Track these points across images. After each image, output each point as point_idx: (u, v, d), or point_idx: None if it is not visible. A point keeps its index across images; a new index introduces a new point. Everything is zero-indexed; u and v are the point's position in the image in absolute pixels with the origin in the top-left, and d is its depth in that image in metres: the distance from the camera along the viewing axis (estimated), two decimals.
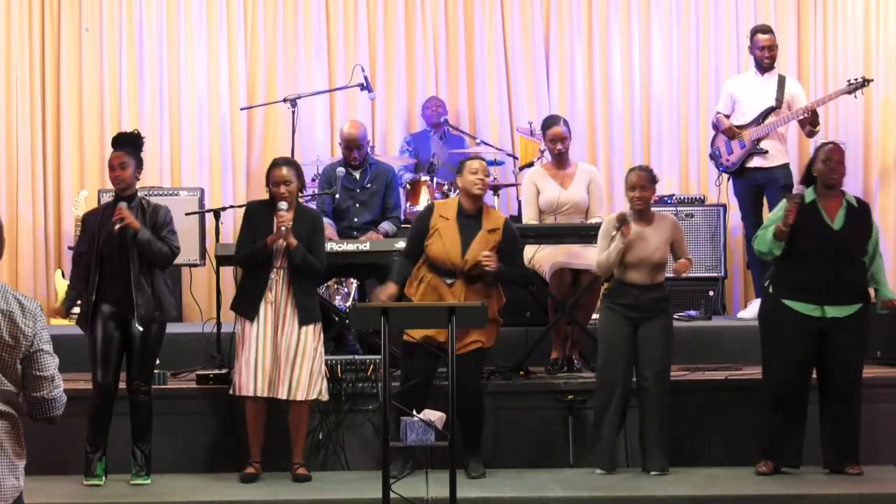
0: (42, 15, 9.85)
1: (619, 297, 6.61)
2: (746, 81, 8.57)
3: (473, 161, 6.67)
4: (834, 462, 6.55)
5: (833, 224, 6.47)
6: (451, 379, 5.54)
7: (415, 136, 9.66)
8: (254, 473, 6.54)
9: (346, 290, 8.33)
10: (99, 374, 6.43)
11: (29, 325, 3.58)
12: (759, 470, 6.57)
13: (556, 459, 6.94)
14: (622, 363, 6.58)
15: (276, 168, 6.61)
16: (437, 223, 6.53)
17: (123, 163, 6.46)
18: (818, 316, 6.42)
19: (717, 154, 8.52)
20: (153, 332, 6.48)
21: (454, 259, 6.47)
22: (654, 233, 6.64)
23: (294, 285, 6.50)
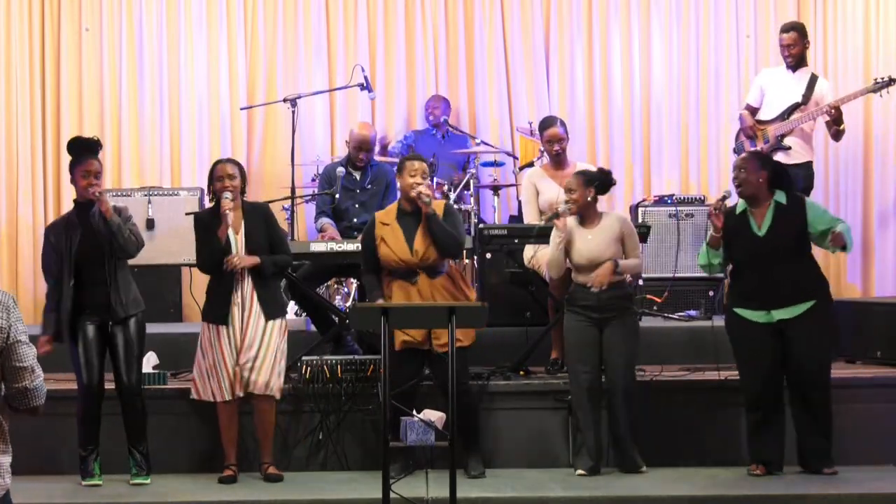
0: (42, 15, 9.85)
1: (579, 299, 6.64)
2: (777, 76, 8.44)
3: (414, 161, 6.67)
4: (807, 462, 6.54)
5: (759, 230, 6.48)
6: (451, 378, 5.54)
7: (416, 133, 9.67)
8: (232, 476, 6.55)
9: (346, 290, 8.33)
10: (84, 376, 6.43)
11: (3, 317, 3.59)
12: (751, 472, 6.57)
13: (556, 459, 6.94)
14: (589, 365, 6.60)
15: (220, 164, 6.70)
16: (380, 231, 6.60)
17: (98, 172, 6.50)
18: (766, 321, 6.44)
19: (741, 149, 8.33)
20: (132, 327, 6.48)
21: (404, 257, 6.53)
22: (600, 233, 6.65)
23: (256, 281, 6.54)
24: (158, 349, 7.29)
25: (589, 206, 6.67)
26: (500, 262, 7.96)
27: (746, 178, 6.52)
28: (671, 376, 7.20)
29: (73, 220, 6.51)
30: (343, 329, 7.46)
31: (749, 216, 6.53)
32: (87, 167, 6.47)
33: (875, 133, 9.82)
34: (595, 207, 6.72)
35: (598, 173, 6.84)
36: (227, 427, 6.57)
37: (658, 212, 9.00)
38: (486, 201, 9.62)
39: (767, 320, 6.46)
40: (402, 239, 6.56)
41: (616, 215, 6.86)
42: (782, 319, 6.43)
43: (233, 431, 6.60)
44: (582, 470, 6.62)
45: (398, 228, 6.59)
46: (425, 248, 6.53)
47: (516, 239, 7.38)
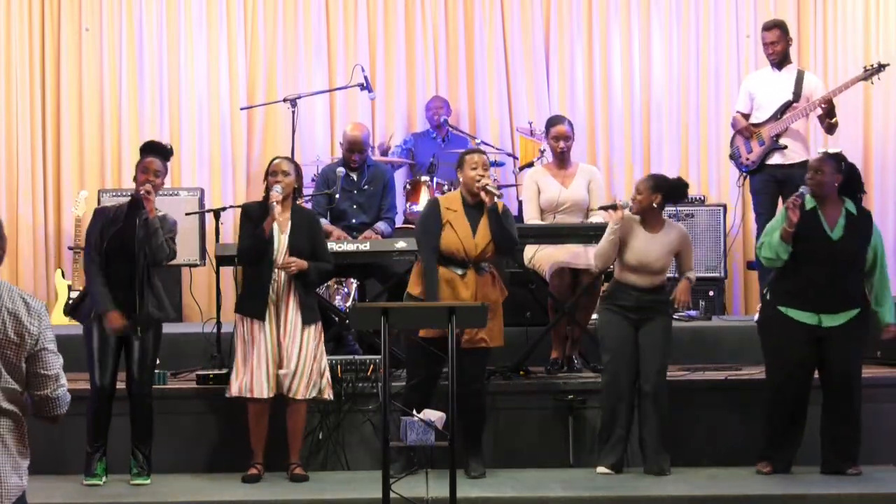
0: (42, 15, 9.85)
1: (619, 298, 6.62)
2: (763, 78, 8.42)
3: (473, 155, 6.67)
4: (832, 465, 6.54)
5: (832, 233, 6.45)
6: (451, 378, 5.54)
7: (416, 136, 9.67)
8: (257, 474, 6.53)
9: (346, 290, 8.33)
10: (97, 374, 6.44)
11: (34, 323, 3.60)
12: (760, 470, 6.57)
13: (556, 459, 6.94)
14: (626, 364, 6.59)
15: (277, 160, 6.69)
16: (447, 216, 6.55)
17: (157, 171, 6.51)
18: (815, 324, 6.44)
19: (736, 154, 8.32)
20: (152, 333, 6.49)
21: (467, 247, 6.49)
22: (660, 240, 6.64)
23: (296, 284, 6.51)
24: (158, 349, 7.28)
25: (652, 211, 6.65)
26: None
27: (823, 180, 6.45)
28: (671, 376, 7.19)
29: (121, 214, 6.50)
30: (343, 329, 7.46)
31: (820, 216, 6.48)
32: (146, 164, 6.51)
33: (875, 133, 9.83)
34: (660, 214, 6.69)
35: (672, 181, 6.75)
36: (255, 426, 6.54)
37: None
38: None
39: (815, 323, 6.43)
40: (468, 228, 6.52)
41: (679, 228, 6.81)
42: (830, 326, 6.43)
43: (261, 430, 6.56)
44: (606, 468, 6.61)
45: (464, 217, 6.54)
46: (486, 242, 6.51)
47: None
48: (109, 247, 6.41)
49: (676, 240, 6.69)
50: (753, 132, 8.20)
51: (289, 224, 6.57)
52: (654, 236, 6.64)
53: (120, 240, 6.41)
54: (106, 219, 6.50)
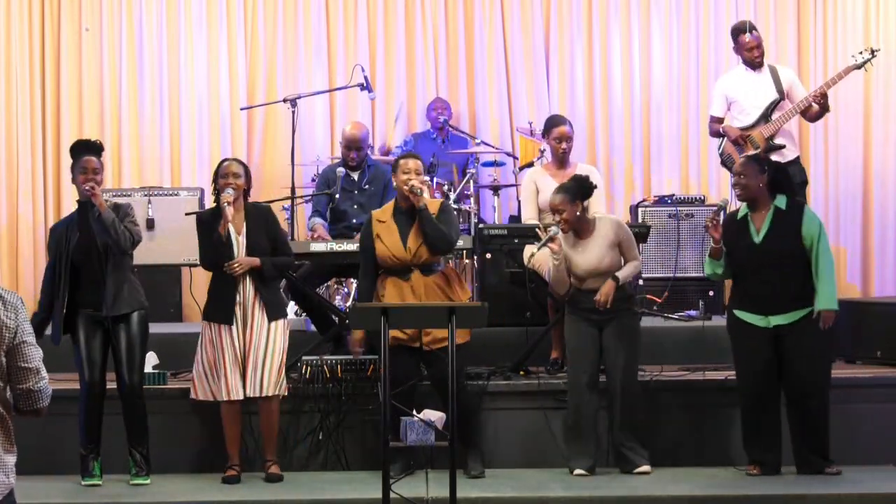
0: (42, 15, 9.85)
1: (580, 302, 6.65)
2: (740, 80, 8.26)
3: (408, 160, 6.68)
4: (806, 465, 6.53)
5: (757, 236, 6.48)
6: (451, 378, 5.54)
7: (416, 136, 9.67)
8: (236, 476, 6.54)
9: (346, 290, 8.32)
10: (86, 374, 6.45)
11: (11, 317, 3.59)
12: (749, 472, 6.57)
13: (556, 459, 6.93)
14: (587, 364, 6.61)
15: (226, 162, 6.74)
16: (376, 229, 6.61)
17: (96, 169, 6.54)
18: (764, 326, 6.45)
19: (730, 161, 8.12)
20: (134, 326, 6.50)
21: (398, 254, 6.54)
22: (595, 243, 6.64)
23: (259, 283, 6.55)
24: (158, 349, 7.28)
25: (580, 220, 6.64)
26: (500, 262, 7.96)
27: (747, 184, 6.49)
28: (671, 376, 7.20)
29: (74, 221, 6.56)
30: (343, 329, 7.46)
31: (749, 222, 6.52)
32: (84, 164, 6.53)
33: (875, 133, 9.83)
34: (586, 217, 6.67)
35: (575, 184, 6.70)
36: (229, 427, 6.57)
37: (658, 212, 9.01)
38: (486, 201, 9.62)
39: (765, 325, 6.46)
40: (396, 236, 6.57)
41: (609, 220, 6.80)
42: (779, 325, 6.43)
43: (235, 431, 6.59)
44: (581, 470, 6.62)
45: (393, 225, 6.61)
46: (418, 246, 6.54)
47: (516, 239, 7.37)
48: (75, 257, 6.44)
49: (611, 233, 6.66)
50: (746, 137, 8.10)
51: (244, 224, 6.61)
52: (588, 241, 6.65)
53: (83, 245, 6.44)
54: (60, 235, 6.54)
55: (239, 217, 6.62)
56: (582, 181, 6.73)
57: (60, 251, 6.49)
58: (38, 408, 3.65)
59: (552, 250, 6.58)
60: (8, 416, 3.62)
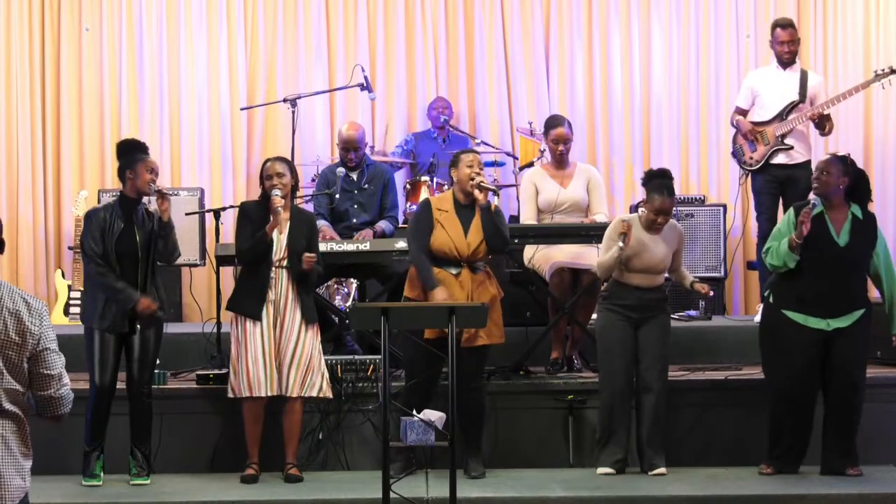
0: (42, 15, 9.84)
1: (620, 298, 6.62)
2: (768, 76, 8.38)
3: (468, 154, 6.68)
4: (833, 466, 6.53)
5: (839, 239, 6.44)
6: (451, 378, 5.54)
7: (416, 136, 9.67)
8: (255, 474, 6.54)
9: (346, 290, 8.33)
10: (97, 373, 6.44)
11: (35, 323, 3.60)
12: (762, 471, 6.57)
13: (556, 459, 6.94)
14: (624, 364, 6.59)
15: (269, 163, 6.70)
16: (438, 216, 6.57)
17: (157, 170, 6.57)
18: (821, 329, 6.43)
19: (739, 152, 8.31)
20: (154, 332, 6.49)
21: (459, 247, 6.50)
22: (662, 242, 6.65)
23: (296, 283, 6.52)
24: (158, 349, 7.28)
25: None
26: (501, 262, 7.96)
27: (827, 181, 6.45)
28: (671, 376, 7.18)
29: (118, 212, 6.48)
30: (343, 329, 7.46)
31: (826, 221, 6.46)
32: (151, 164, 6.53)
33: (875, 133, 9.83)
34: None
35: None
36: (251, 425, 6.54)
37: None
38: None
39: (823, 328, 6.43)
40: (460, 231, 6.54)
41: (675, 226, 6.79)
42: (838, 328, 6.43)
43: (258, 430, 6.56)
44: (608, 468, 6.60)
45: (455, 217, 6.57)
46: (478, 242, 6.52)
47: (516, 239, 7.37)
48: (117, 251, 6.41)
49: (676, 239, 6.72)
50: (758, 132, 8.18)
51: (287, 225, 6.58)
52: (658, 238, 6.65)
53: (125, 243, 6.42)
54: (101, 222, 6.46)
55: (284, 217, 6.57)
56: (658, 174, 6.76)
57: (105, 240, 6.41)
58: (59, 414, 3.69)
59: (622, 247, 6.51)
60: (26, 421, 3.64)
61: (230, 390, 6.54)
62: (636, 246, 6.58)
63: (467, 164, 6.58)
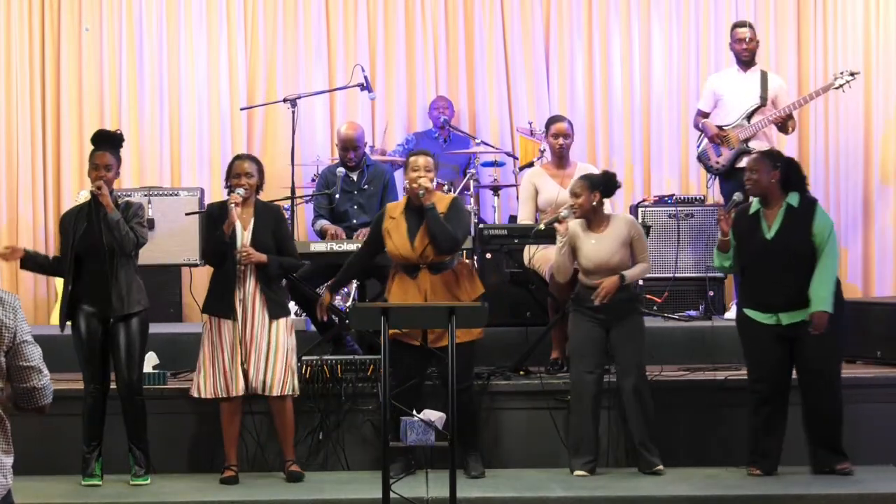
0: (42, 15, 9.85)
1: (586, 300, 6.64)
2: (729, 79, 8.51)
3: (418, 157, 6.68)
4: (821, 464, 6.53)
5: (768, 233, 6.45)
6: (451, 378, 5.54)
7: (417, 136, 9.66)
8: (233, 476, 6.54)
9: (346, 290, 8.32)
10: (87, 371, 6.46)
11: (10, 317, 3.62)
12: (750, 472, 6.57)
13: (556, 459, 6.93)
14: (592, 365, 6.61)
15: (238, 161, 6.71)
16: (387, 224, 6.62)
17: (108, 165, 6.49)
18: (774, 324, 6.44)
19: (705, 156, 8.50)
20: (134, 325, 6.49)
21: (405, 252, 6.55)
22: (608, 237, 6.64)
23: (260, 280, 6.54)
24: (158, 349, 7.29)
25: (595, 210, 6.66)
26: (500, 262, 7.96)
27: (758, 179, 6.46)
28: (671, 376, 7.20)
29: (84, 212, 6.53)
30: (343, 329, 7.46)
31: (761, 217, 6.50)
32: (96, 159, 6.50)
33: (875, 132, 9.82)
34: (602, 211, 6.70)
35: (603, 176, 6.79)
36: (228, 426, 6.57)
37: (658, 212, 9.01)
38: (486, 201, 9.62)
39: (775, 322, 6.44)
40: (404, 234, 6.57)
41: (624, 218, 6.83)
42: (791, 323, 6.42)
43: (234, 431, 6.59)
44: (581, 471, 6.62)
45: (402, 223, 6.60)
46: (425, 245, 6.54)
47: (516, 239, 7.37)
48: (79, 246, 6.44)
49: (625, 230, 6.67)
50: (722, 136, 8.29)
51: (251, 220, 6.60)
52: (602, 234, 6.65)
53: (88, 238, 6.44)
54: (69, 222, 6.53)
55: (248, 213, 6.61)
56: (609, 176, 6.79)
57: (66, 240, 6.49)
58: (42, 405, 3.69)
59: (558, 231, 6.57)
60: (7, 418, 3.63)
61: (196, 390, 6.54)
62: (578, 244, 6.61)
63: (413, 168, 6.61)
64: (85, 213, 6.51)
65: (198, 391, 6.57)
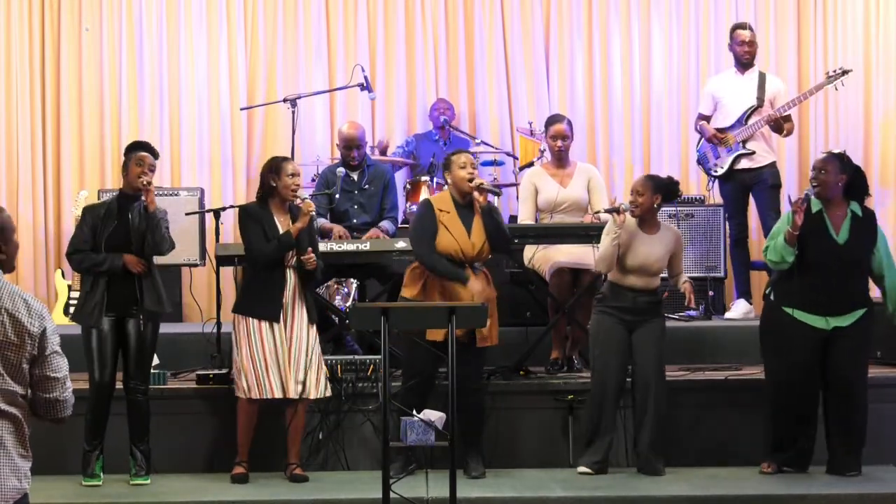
0: (42, 15, 9.85)
1: (615, 300, 6.61)
2: (727, 81, 8.57)
3: (461, 155, 6.65)
4: (837, 465, 6.53)
5: (838, 237, 6.42)
6: (451, 378, 5.54)
7: (417, 137, 9.67)
8: (245, 474, 6.54)
9: (346, 290, 8.32)
10: (97, 372, 6.44)
11: (35, 324, 3.58)
12: (763, 470, 6.57)
13: (556, 459, 6.94)
14: (617, 366, 6.60)
15: (287, 163, 6.62)
16: (441, 217, 6.55)
17: (152, 165, 6.56)
18: (821, 327, 6.42)
19: (704, 159, 8.56)
20: (150, 329, 6.49)
21: (465, 249, 6.49)
22: (658, 242, 6.64)
23: (301, 284, 6.53)
24: (158, 349, 7.23)
25: (652, 212, 6.65)
26: (501, 262, 7.96)
27: (826, 180, 6.40)
28: (671, 376, 7.19)
29: (113, 209, 6.51)
30: (343, 329, 7.46)
31: (825, 218, 6.45)
32: (141, 158, 6.52)
33: (875, 132, 9.83)
34: (656, 215, 6.69)
35: (668, 180, 6.75)
36: (246, 425, 6.53)
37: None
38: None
39: (823, 326, 6.42)
40: (462, 229, 6.52)
41: (673, 229, 6.83)
42: (836, 327, 6.41)
43: (251, 430, 6.55)
44: (587, 468, 6.60)
45: (458, 218, 6.55)
46: (482, 242, 6.52)
47: (516, 239, 7.37)
48: (108, 244, 6.42)
49: (673, 241, 6.69)
50: (721, 139, 8.33)
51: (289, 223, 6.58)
52: (653, 237, 6.64)
53: (118, 236, 6.43)
54: (96, 217, 6.50)
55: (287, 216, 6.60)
56: (674, 183, 6.75)
57: (93, 234, 6.45)
58: (62, 417, 3.68)
59: (615, 221, 6.52)
60: (25, 422, 3.62)
61: (239, 390, 6.49)
62: (629, 241, 6.57)
63: (460, 166, 6.56)
64: (114, 211, 6.49)
65: (245, 392, 6.45)
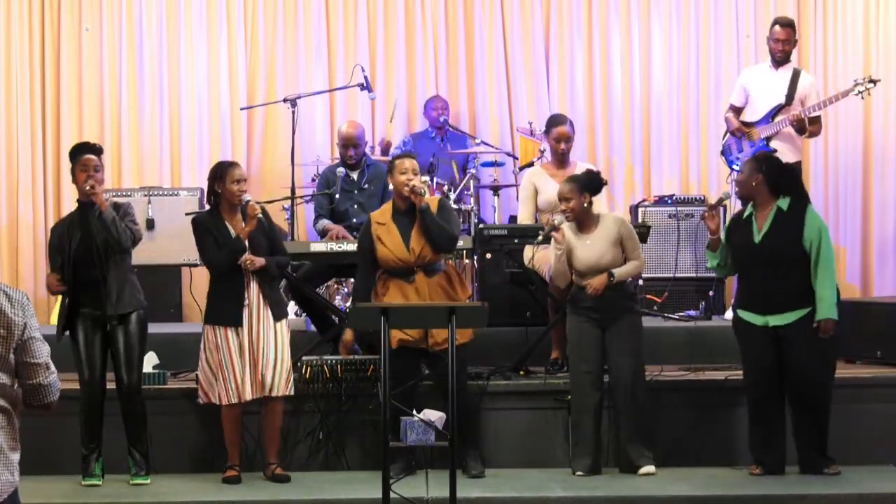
0: (42, 15, 9.85)
1: (580, 301, 6.65)
2: (760, 74, 8.49)
3: (404, 160, 6.67)
4: (809, 466, 6.53)
5: (756, 236, 6.48)
6: (450, 378, 5.54)
7: (415, 136, 9.66)
8: (236, 476, 6.54)
9: (346, 290, 8.33)
10: (86, 373, 6.46)
11: (18, 314, 3.61)
12: (752, 472, 6.57)
13: (556, 459, 6.94)
14: (590, 364, 6.61)
15: (234, 168, 6.66)
16: (376, 231, 6.59)
17: (97, 165, 6.54)
18: (763, 325, 6.45)
19: (727, 151, 8.50)
20: (132, 326, 6.49)
21: (401, 256, 6.53)
22: (598, 237, 6.64)
23: (262, 283, 6.54)
24: (158, 349, 7.29)
25: (585, 212, 6.65)
26: (500, 262, 7.96)
27: (742, 180, 6.57)
28: (671, 376, 7.21)
29: (75, 221, 6.56)
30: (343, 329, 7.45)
31: (752, 221, 6.53)
32: (84, 162, 6.52)
33: (875, 131, 9.82)
34: (591, 212, 6.69)
35: (587, 176, 6.75)
36: (231, 429, 6.55)
37: (658, 212, 9.01)
38: (486, 201, 9.61)
39: (763, 324, 6.47)
40: (398, 238, 6.56)
41: (613, 217, 6.84)
42: (777, 326, 6.43)
43: (237, 433, 6.59)
44: (581, 471, 6.62)
45: (394, 227, 6.59)
46: (422, 247, 6.53)
47: (516, 239, 7.38)
48: (77, 257, 6.44)
49: (615, 230, 6.67)
50: (745, 132, 8.30)
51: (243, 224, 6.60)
52: (591, 235, 6.65)
53: (84, 246, 6.45)
54: (61, 235, 6.54)
55: (239, 217, 6.62)
56: (593, 175, 6.78)
57: (63, 251, 6.49)
58: (48, 402, 3.70)
59: (555, 240, 6.57)
60: (14, 414, 3.64)
61: (205, 397, 6.53)
62: (569, 248, 6.62)
63: (401, 171, 6.59)
64: (77, 222, 6.52)
65: (204, 397, 6.54)
